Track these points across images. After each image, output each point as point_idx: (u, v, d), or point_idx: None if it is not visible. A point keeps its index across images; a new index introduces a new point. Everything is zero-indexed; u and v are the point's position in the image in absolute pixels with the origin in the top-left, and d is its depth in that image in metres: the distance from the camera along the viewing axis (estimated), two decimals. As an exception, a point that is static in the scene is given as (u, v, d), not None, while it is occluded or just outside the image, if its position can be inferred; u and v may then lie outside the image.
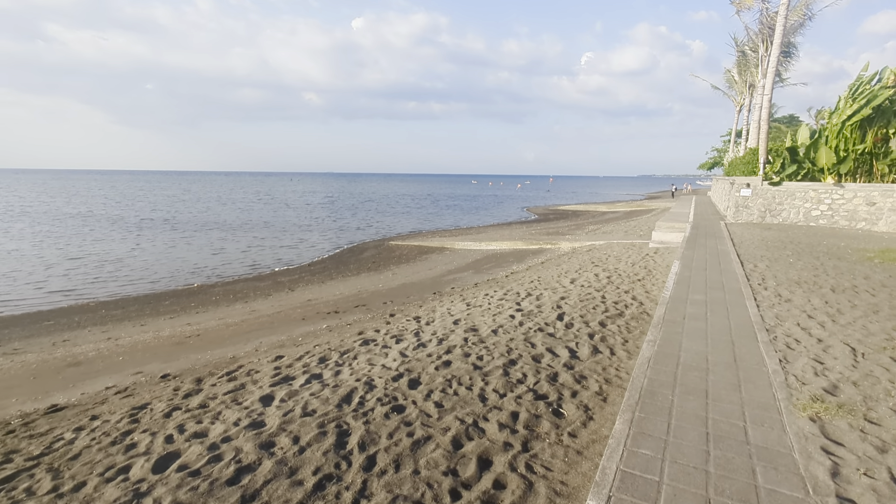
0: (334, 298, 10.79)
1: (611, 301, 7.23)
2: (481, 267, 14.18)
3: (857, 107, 12.99)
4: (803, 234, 12.56)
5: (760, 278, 7.15)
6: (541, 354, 5.03)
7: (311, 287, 12.70)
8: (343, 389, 4.32)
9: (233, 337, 7.67)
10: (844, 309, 5.41)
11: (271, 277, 14.52)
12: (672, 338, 4.37)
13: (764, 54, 19.18)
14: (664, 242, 13.89)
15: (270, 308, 10.17)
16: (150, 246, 20.40)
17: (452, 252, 18.26)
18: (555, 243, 17.47)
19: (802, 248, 10.07)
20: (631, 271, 9.75)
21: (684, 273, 7.34)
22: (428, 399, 4.04)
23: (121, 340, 7.91)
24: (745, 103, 31.42)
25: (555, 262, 12.83)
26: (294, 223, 30.38)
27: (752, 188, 15.05)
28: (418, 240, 21.88)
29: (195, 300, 11.51)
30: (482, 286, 10.36)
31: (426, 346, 5.61)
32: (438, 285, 11.63)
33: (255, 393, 4.47)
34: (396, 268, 15.44)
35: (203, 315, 9.86)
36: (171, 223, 29.08)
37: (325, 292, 11.78)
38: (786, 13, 14.28)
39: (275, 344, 6.87)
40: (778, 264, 8.29)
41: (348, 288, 12.19)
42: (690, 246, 10.30)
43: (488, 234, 22.65)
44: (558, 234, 21.64)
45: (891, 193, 12.96)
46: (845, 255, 9.20)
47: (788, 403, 3.07)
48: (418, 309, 8.37)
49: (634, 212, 35.52)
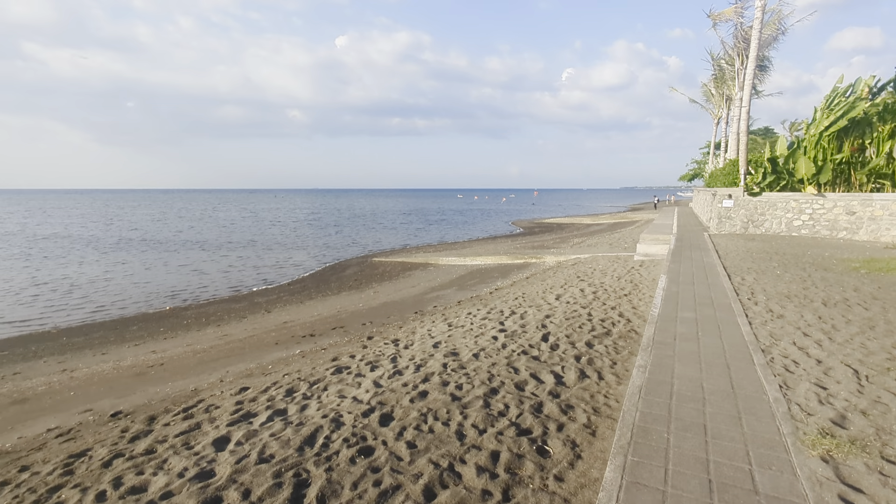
0: (312, 320, 10.33)
1: (597, 319, 6.93)
2: (465, 283, 13.84)
3: (833, 118, 13.12)
4: (787, 244, 12.51)
5: (750, 292, 6.93)
6: (524, 381, 4.69)
7: (289, 308, 12.20)
8: (307, 428, 3.90)
9: (199, 366, 7.17)
10: (839, 325, 5.19)
11: (248, 298, 13.98)
12: (663, 362, 4.06)
13: (740, 67, 19.51)
14: (649, 255, 13.75)
15: (244, 332, 9.66)
16: (124, 268, 19.65)
17: (436, 268, 17.91)
18: (540, 257, 17.25)
19: (788, 260, 9.95)
20: (617, 286, 9.51)
21: (671, 288, 7.10)
22: (400, 438, 3.65)
23: (77, 372, 7.35)
24: (722, 116, 32.01)
25: (540, 277, 12.56)
26: (277, 241, 29.75)
27: (735, 199, 15.07)
28: (402, 256, 21.50)
29: (165, 325, 10.94)
30: (465, 304, 10.01)
31: (402, 373, 5.22)
32: (421, 304, 11.24)
33: (210, 434, 4.03)
34: (379, 285, 15.02)
35: (171, 341, 9.31)
36: (149, 243, 28.23)
37: (303, 313, 11.30)
38: (760, 26, 14.48)
39: (242, 373, 6.40)
40: (766, 277, 8.12)
41: (327, 308, 11.73)
42: (676, 258, 10.13)
43: (473, 249, 22.38)
44: (543, 247, 21.47)
45: (870, 202, 13.04)
46: (831, 266, 9.09)
47: (795, 439, 2.77)
48: (398, 330, 7.98)
49: (618, 224, 35.68)
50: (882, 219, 12.92)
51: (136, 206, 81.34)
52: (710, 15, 17.89)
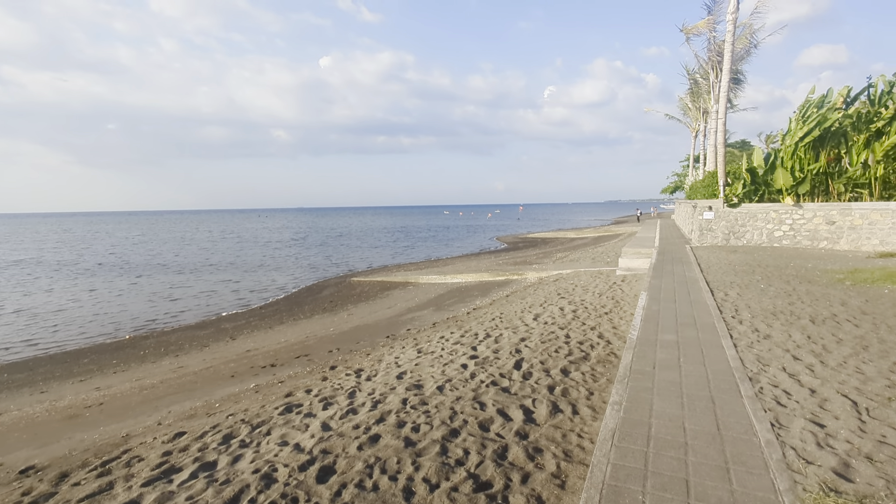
0: (277, 347, 9.70)
1: (575, 341, 6.48)
2: (443, 303, 13.33)
3: (808, 128, 13.08)
4: (769, 255, 12.29)
5: (734, 309, 6.55)
6: (489, 419, 4.18)
7: (256, 334, 11.54)
8: (231, 489, 3.33)
9: (141, 405, 6.51)
10: (830, 345, 4.80)
11: (215, 324, 13.26)
12: (640, 396, 3.60)
13: (715, 80, 19.66)
14: (631, 269, 13.42)
15: (201, 363, 8.99)
16: (92, 295, 18.67)
17: (416, 287, 17.38)
18: (521, 273, 16.84)
19: (771, 272, 9.67)
20: (598, 303, 9.10)
21: (652, 306, 6.69)
22: (337, 499, 3.11)
23: (4, 416, 6.62)
24: (700, 129, 32.38)
25: (520, 295, 12.12)
26: (255, 262, 28.90)
27: (715, 211, 14.91)
28: (382, 275, 20.93)
29: (120, 356, 10.20)
30: (440, 326, 9.50)
31: (357, 411, 4.68)
32: (394, 326, 10.69)
33: (119, 498, 3.44)
34: (354, 307, 14.43)
35: (120, 376, 8.60)
36: (123, 268, 27.12)
37: (270, 340, 10.66)
38: (732, 39, 14.53)
39: (184, 413, 5.77)
40: (749, 291, 7.78)
41: (296, 333, 11.11)
42: (658, 273, 9.77)
43: (455, 267, 21.91)
44: (526, 263, 21.11)
45: (849, 212, 12.94)
46: (815, 279, 8.80)
47: (794, 498, 2.31)
48: (364, 358, 7.43)
49: (602, 237, 35.61)
50: (862, 228, 12.80)
51: (116, 229, 79.52)
52: (682, 29, 18.05)
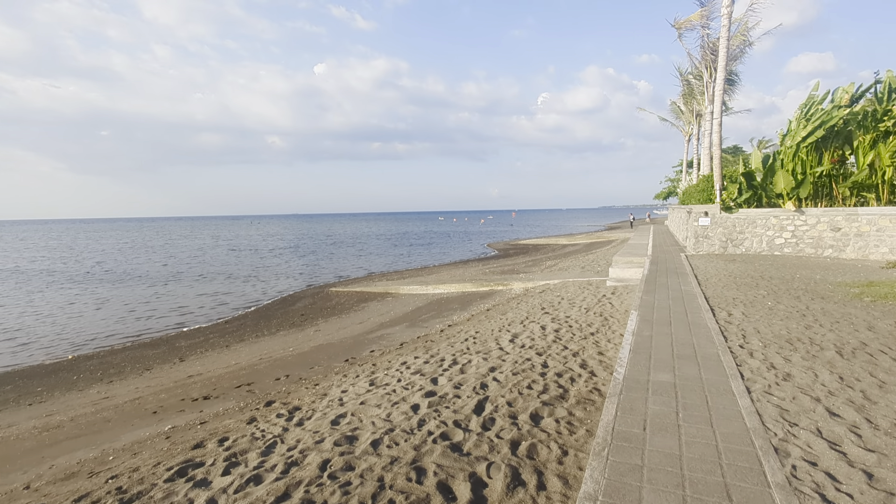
0: (222, 373, 8.57)
1: (553, 372, 5.42)
2: (419, 318, 12.24)
3: (811, 127, 12.16)
4: (771, 265, 11.31)
5: (740, 335, 5.51)
6: (424, 500, 3.10)
7: (209, 355, 10.40)
8: None
9: (22, 456, 5.35)
10: (872, 391, 3.75)
11: (170, 342, 12.09)
12: (624, 486, 2.53)
13: (709, 80, 18.81)
14: (622, 280, 12.42)
15: (131, 392, 7.84)
16: (49, 308, 17.40)
17: (395, 299, 16.29)
18: (507, 284, 15.79)
19: (776, 286, 8.66)
20: (584, 320, 8.06)
21: (644, 331, 5.65)
22: None
23: None
24: (693, 132, 31.60)
25: (500, 310, 11.05)
26: (240, 271, 27.56)
27: (711, 217, 13.95)
28: (362, 285, 19.80)
29: (48, 382, 9.03)
30: (406, 348, 8.42)
31: (261, 479, 3.59)
32: (359, 347, 9.59)
33: None
34: (325, 322, 13.32)
35: (32, 409, 7.44)
36: (102, 278, 25.70)
37: (220, 362, 9.52)
38: (728, 35, 13.65)
39: (65, 471, 4.64)
40: (756, 310, 6.75)
41: (251, 354, 9.98)
42: (650, 286, 8.75)
43: (439, 276, 20.82)
44: (514, 272, 20.07)
45: (855, 218, 12.00)
46: (828, 293, 7.79)
47: None
48: (309, 391, 6.33)
49: (594, 244, 34.69)
50: (869, 235, 11.87)
51: (106, 236, 77.85)
52: (675, 24, 17.19)
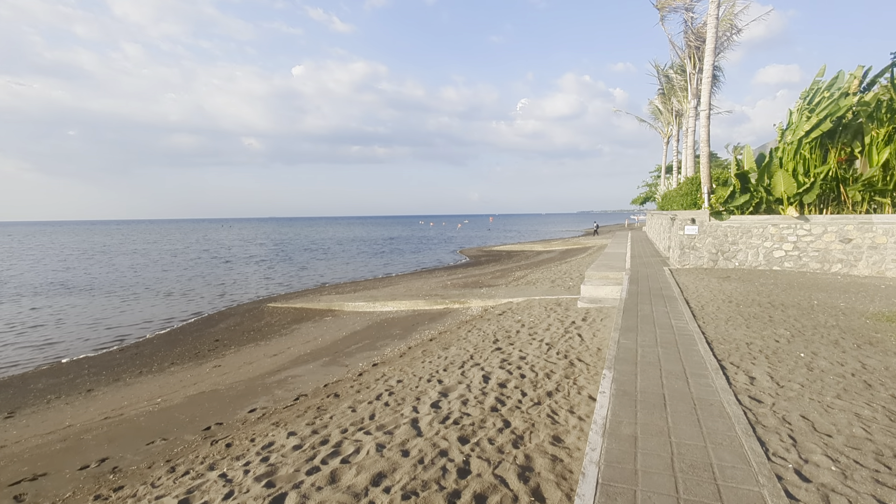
0: (32, 445, 5.98)
1: (471, 493, 3.08)
2: (345, 349, 9.80)
3: (817, 119, 10.24)
4: (775, 285, 9.25)
5: (785, 433, 3.26)
6: None
7: (53, 406, 7.80)
8: None
9: None
10: None
11: (23, 384, 9.36)
12: None
13: (692, 72, 16.96)
14: (596, 300, 10.23)
15: None
16: None
17: (335, 318, 13.83)
18: (465, 301, 13.48)
19: (798, 320, 6.51)
20: (543, 366, 5.79)
21: (622, 425, 3.36)
22: None
23: None
24: (673, 133, 30.01)
25: (445, 341, 8.72)
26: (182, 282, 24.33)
27: (699, 224, 11.92)
28: (306, 300, 17.21)
29: None
30: (299, 407, 6.00)
31: None
32: (244, 399, 7.11)
33: None
34: (236, 352, 10.80)
35: None
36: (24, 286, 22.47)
37: (50, 423, 6.92)
38: (717, 13, 11.69)
39: None
40: (787, 370, 4.54)
41: (104, 406, 7.41)
42: (630, 319, 6.52)
43: (395, 289, 18.40)
44: (477, 284, 17.79)
45: (869, 227, 10.09)
46: (874, 336, 5.66)
47: None
48: None
49: (570, 251, 32.77)
50: (886, 247, 9.96)
51: (53, 241, 72.80)
52: (657, 4, 15.29)
